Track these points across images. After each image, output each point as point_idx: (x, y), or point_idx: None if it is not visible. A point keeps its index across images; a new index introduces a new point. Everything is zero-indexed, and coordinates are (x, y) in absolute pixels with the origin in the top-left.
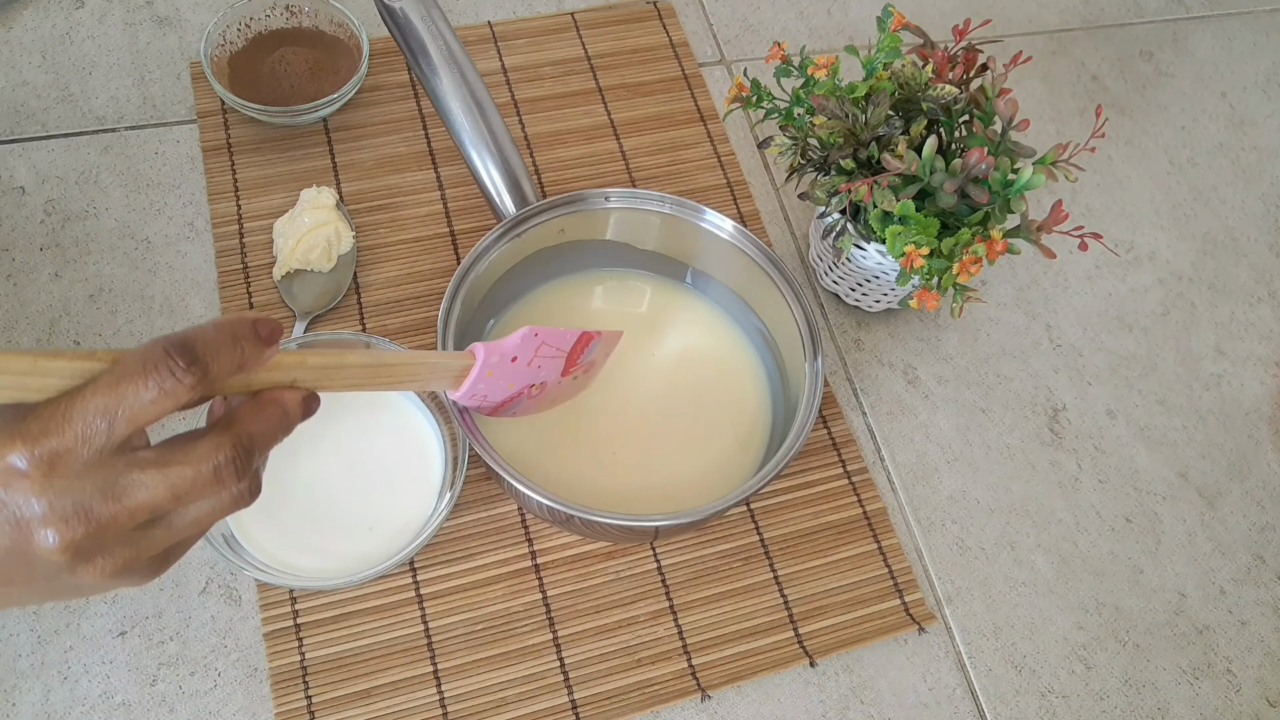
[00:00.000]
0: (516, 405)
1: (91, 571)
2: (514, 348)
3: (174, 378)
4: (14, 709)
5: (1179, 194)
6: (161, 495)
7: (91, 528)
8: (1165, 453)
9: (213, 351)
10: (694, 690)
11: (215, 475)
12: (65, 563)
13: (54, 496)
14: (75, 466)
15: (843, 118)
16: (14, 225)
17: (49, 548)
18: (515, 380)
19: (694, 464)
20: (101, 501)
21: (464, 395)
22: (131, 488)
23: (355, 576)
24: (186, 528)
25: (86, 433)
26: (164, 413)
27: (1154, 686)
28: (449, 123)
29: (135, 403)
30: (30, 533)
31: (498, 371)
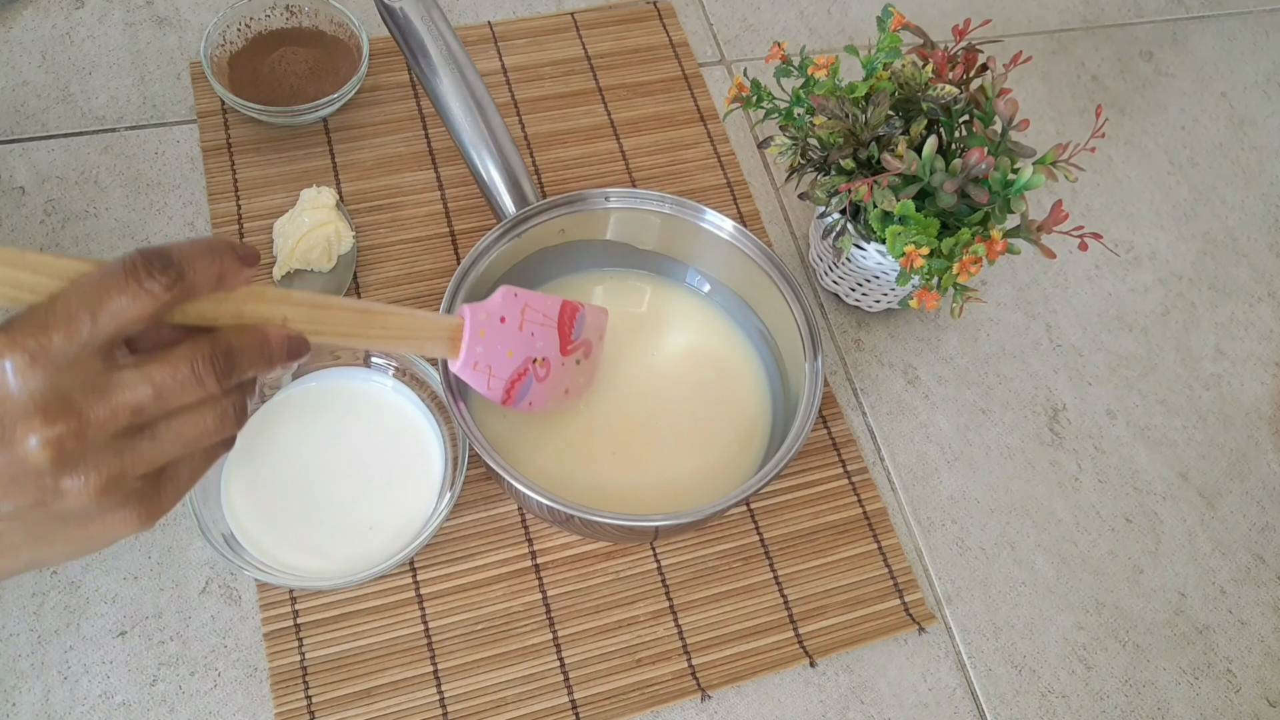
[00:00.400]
0: (527, 389)
1: (77, 485)
2: (498, 306)
3: (151, 278)
4: (14, 709)
5: (1179, 194)
6: (142, 392)
7: (73, 423)
8: (1165, 453)
9: (189, 259)
10: (694, 690)
11: (194, 374)
12: (49, 468)
13: (36, 387)
14: (58, 360)
15: (843, 118)
16: (14, 225)
17: (33, 446)
18: (514, 348)
19: (694, 464)
20: (83, 395)
21: (465, 360)
22: (112, 385)
23: (355, 576)
24: (173, 442)
25: (70, 327)
26: (144, 313)
27: (1154, 686)
28: (449, 123)
29: (116, 301)
30: (14, 432)
31: (490, 333)
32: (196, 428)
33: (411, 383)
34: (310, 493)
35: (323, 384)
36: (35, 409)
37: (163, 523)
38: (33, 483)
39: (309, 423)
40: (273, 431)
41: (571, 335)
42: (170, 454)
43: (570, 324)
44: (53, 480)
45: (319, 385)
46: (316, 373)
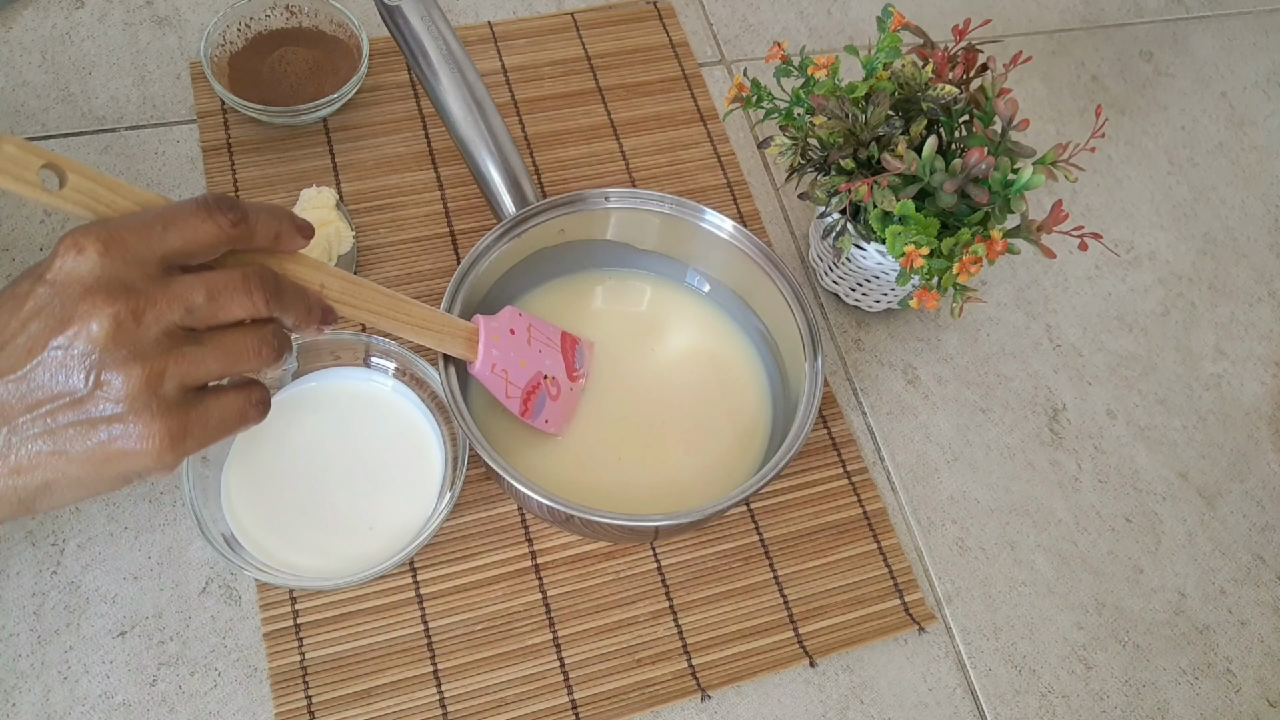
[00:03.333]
0: (542, 403)
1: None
2: (507, 319)
3: (221, 213)
4: (14, 709)
5: (1179, 194)
6: (197, 291)
7: (132, 304)
8: (1165, 453)
9: (254, 211)
10: (694, 690)
11: (244, 286)
12: (104, 341)
13: (103, 271)
14: (126, 255)
15: (843, 118)
16: (14, 225)
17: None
18: (526, 359)
19: (694, 464)
20: (145, 282)
21: (484, 361)
22: (171, 282)
23: (355, 576)
24: (216, 354)
25: (144, 232)
26: (209, 241)
27: (1154, 686)
28: (449, 123)
29: (187, 223)
30: (75, 307)
31: (503, 341)
32: (239, 344)
33: (411, 383)
34: (310, 493)
35: (323, 384)
36: (99, 288)
37: (163, 523)
38: (79, 371)
39: (309, 423)
40: (273, 431)
41: (574, 364)
42: (211, 368)
43: (572, 352)
44: (99, 365)
45: (319, 385)
46: (316, 373)
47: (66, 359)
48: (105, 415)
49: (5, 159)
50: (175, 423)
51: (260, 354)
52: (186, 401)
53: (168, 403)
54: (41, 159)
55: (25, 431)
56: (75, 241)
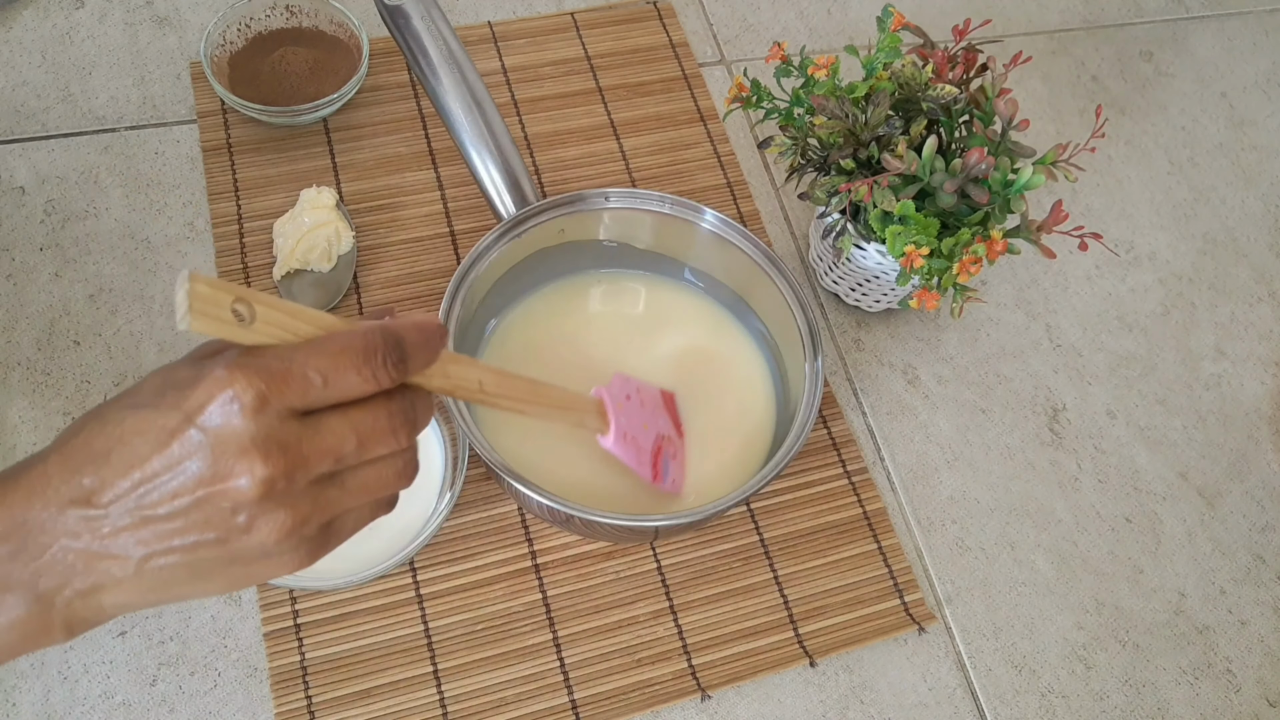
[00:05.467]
0: (667, 464)
1: (269, 527)
2: (620, 387)
3: (385, 369)
4: (14, 709)
5: (1179, 194)
6: (348, 441)
7: (289, 462)
8: (1165, 453)
9: (415, 352)
10: (694, 690)
11: (390, 425)
12: (254, 503)
13: (260, 428)
14: (282, 411)
15: (843, 118)
16: (14, 225)
17: (248, 482)
18: (646, 422)
19: (694, 464)
20: (299, 440)
21: (615, 431)
22: (322, 432)
23: (355, 576)
24: (357, 492)
25: (302, 386)
26: (366, 393)
27: (1154, 686)
28: (449, 123)
29: (349, 377)
30: (231, 466)
31: (625, 408)
32: (379, 479)
33: None
34: None
35: None
36: (254, 448)
37: None
38: (226, 519)
39: None
40: None
41: (679, 419)
42: (352, 504)
43: (674, 408)
44: (248, 518)
45: None
46: None
47: (214, 512)
48: (247, 552)
49: (199, 300)
50: (315, 548)
51: (400, 483)
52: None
53: (309, 537)
54: (231, 295)
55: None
56: (230, 385)
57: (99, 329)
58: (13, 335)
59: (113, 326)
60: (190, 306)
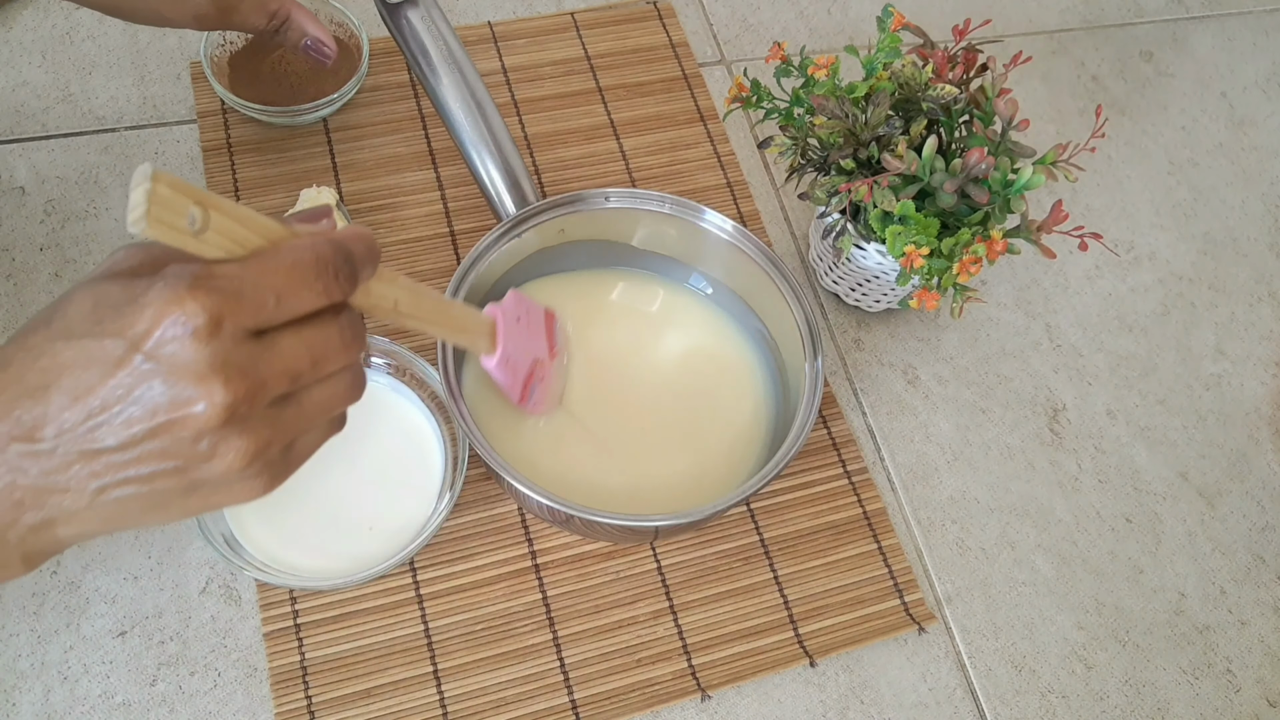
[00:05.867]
0: (534, 390)
1: (231, 451)
2: (513, 307)
3: (337, 283)
4: (14, 709)
5: (1179, 194)
6: (303, 359)
7: (250, 385)
8: (1165, 453)
9: (363, 264)
10: (694, 690)
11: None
12: (216, 429)
13: (218, 353)
14: (238, 333)
15: (843, 118)
16: (14, 225)
17: (207, 407)
18: (527, 347)
19: (694, 464)
20: (256, 362)
21: (500, 356)
22: (277, 352)
23: (355, 576)
24: (313, 410)
25: (256, 306)
26: (314, 308)
27: (1154, 686)
28: (449, 123)
29: (300, 294)
30: (188, 390)
31: (512, 332)
32: (333, 396)
33: (411, 382)
34: (310, 493)
35: None
36: (212, 373)
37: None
38: (186, 447)
39: None
40: None
41: (555, 339)
42: (310, 423)
43: (552, 330)
44: (209, 446)
45: None
46: None
47: (172, 441)
48: (208, 479)
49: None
50: (275, 472)
51: (350, 397)
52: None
53: (270, 461)
54: (191, 198)
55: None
56: (180, 307)
57: None
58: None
59: None
60: (148, 211)
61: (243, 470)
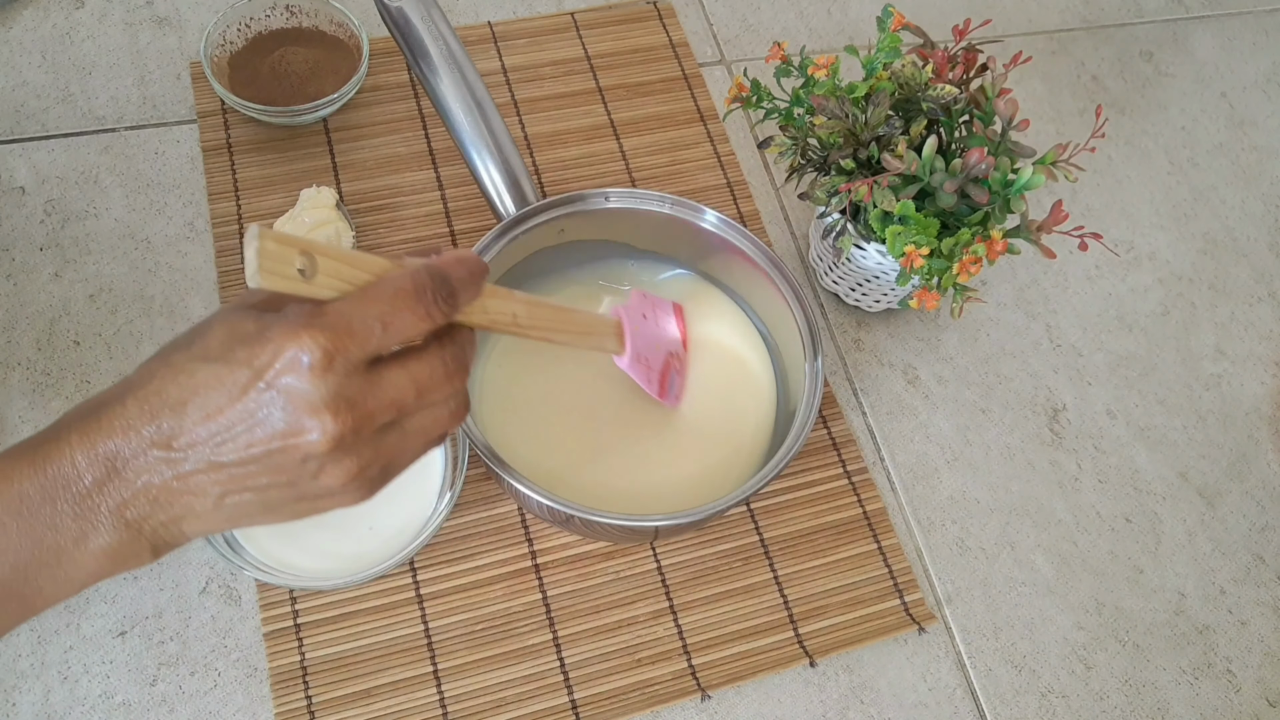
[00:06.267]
0: (672, 383)
1: (336, 471)
2: (638, 305)
3: (437, 306)
4: (14, 709)
5: (1179, 194)
6: (408, 391)
7: (357, 417)
8: (1165, 453)
9: (462, 286)
10: (694, 690)
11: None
12: (324, 455)
13: (330, 387)
14: (348, 365)
15: (843, 118)
16: (14, 225)
17: (319, 437)
18: (657, 342)
19: (694, 464)
20: (364, 395)
21: (631, 354)
22: (384, 383)
23: (355, 576)
24: (416, 436)
25: (364, 337)
26: (422, 333)
27: (1154, 686)
28: (449, 123)
29: (404, 319)
30: (301, 421)
31: (642, 328)
32: (435, 421)
33: None
34: None
35: None
36: (324, 404)
37: None
38: (297, 466)
39: None
40: None
41: (686, 330)
42: (411, 446)
43: (683, 321)
44: (317, 467)
45: None
46: None
47: (286, 461)
48: (313, 493)
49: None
50: (374, 487)
51: (454, 422)
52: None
53: (371, 480)
54: (296, 249)
55: (235, 499)
56: (297, 344)
57: (99, 329)
58: (13, 335)
59: (113, 326)
60: (260, 265)
61: (344, 486)
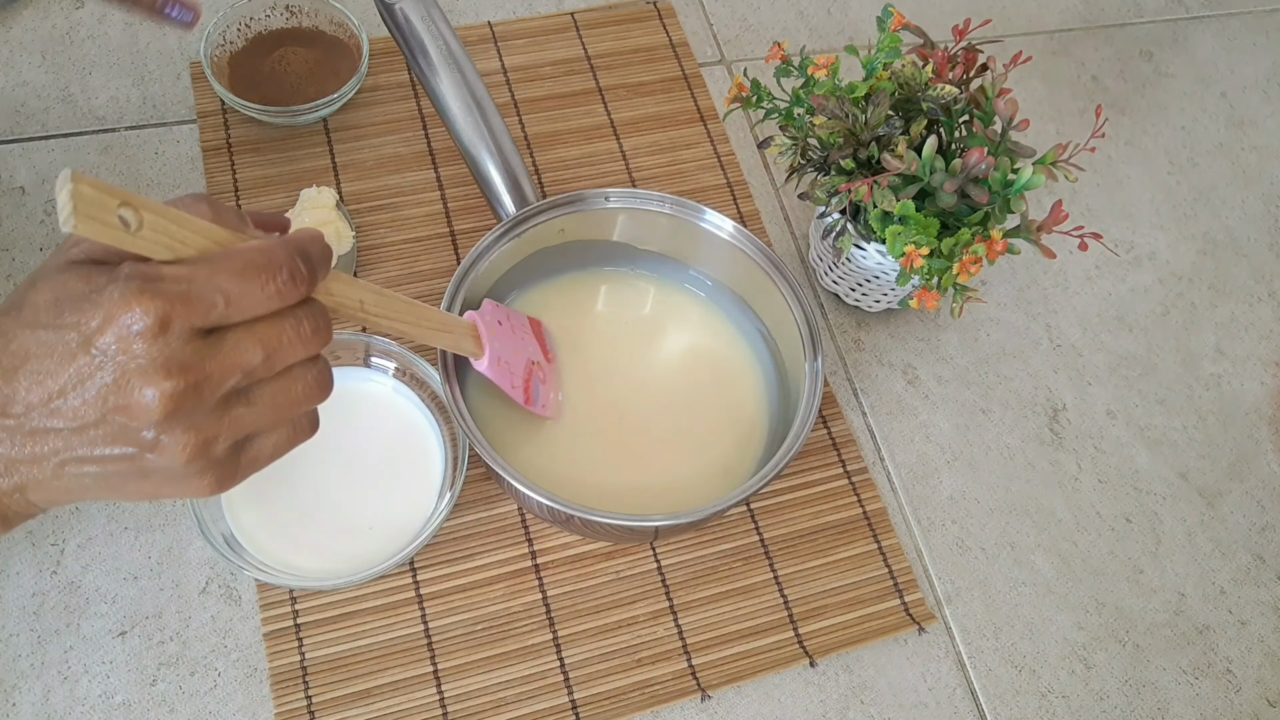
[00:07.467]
0: (538, 389)
1: (175, 443)
2: (491, 312)
3: (292, 284)
4: (14, 709)
5: (1179, 194)
6: (253, 353)
7: (191, 380)
8: (1165, 453)
9: (320, 264)
10: (694, 690)
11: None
12: (159, 422)
13: (162, 350)
14: (184, 332)
15: (843, 118)
16: (14, 225)
17: (152, 399)
18: (517, 348)
19: (694, 464)
20: (200, 359)
21: (489, 356)
22: (226, 345)
23: (355, 576)
24: (267, 409)
25: (205, 307)
26: (267, 310)
27: (1154, 686)
28: (449, 123)
29: (251, 296)
30: (133, 382)
31: (497, 334)
32: (289, 394)
33: (411, 383)
34: (310, 493)
35: None
36: (158, 365)
37: (163, 523)
38: (133, 434)
39: None
40: None
41: (547, 345)
42: (263, 421)
43: (541, 334)
44: (154, 434)
45: None
46: None
47: (121, 428)
48: (157, 469)
49: (84, 201)
50: (225, 470)
51: (311, 398)
52: (237, 446)
53: (218, 458)
54: (117, 199)
55: (75, 470)
56: (129, 308)
57: None
58: None
59: None
60: (74, 208)
61: (187, 464)
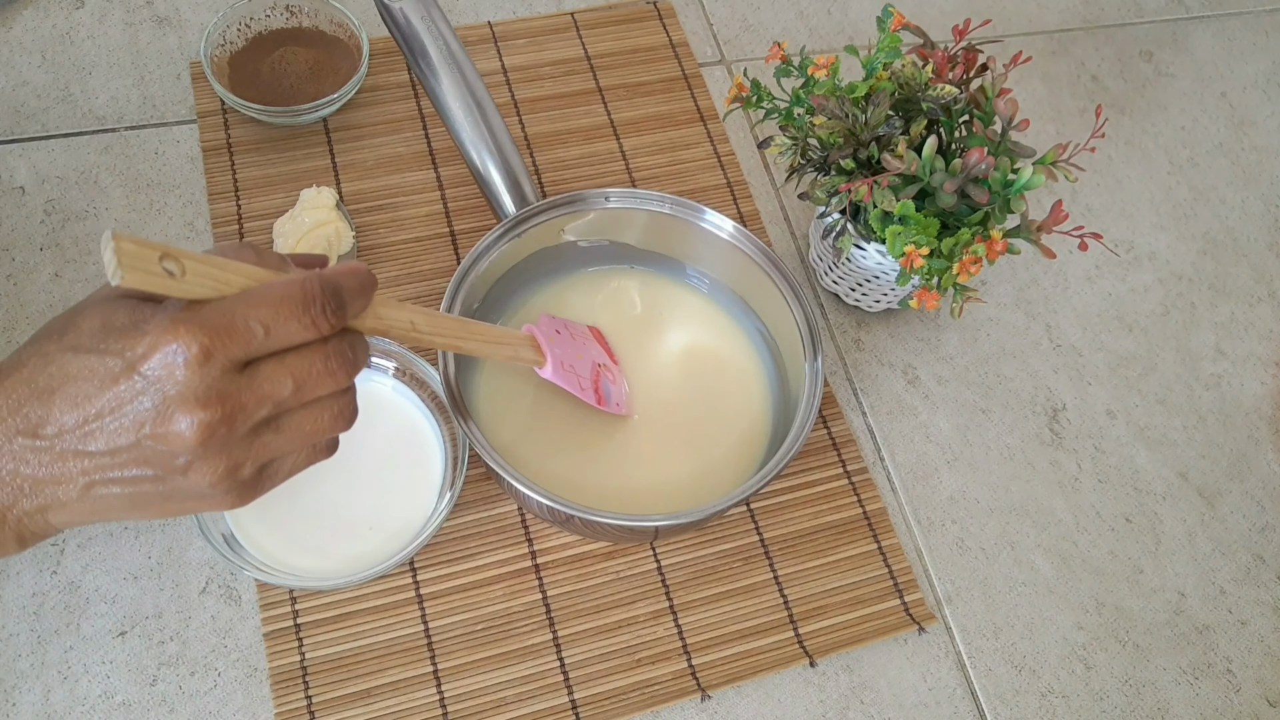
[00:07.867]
0: (609, 389)
1: (205, 469)
2: (548, 324)
3: (324, 317)
4: (14, 709)
5: (1179, 194)
6: (284, 386)
7: (227, 410)
8: (1165, 453)
9: (351, 298)
10: (694, 690)
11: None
12: (193, 449)
13: (202, 379)
14: (226, 361)
15: (843, 118)
16: (14, 225)
17: (188, 429)
18: (580, 352)
19: (694, 464)
20: (237, 390)
21: (552, 362)
22: (259, 378)
23: (355, 576)
24: (293, 437)
25: (244, 338)
26: (302, 340)
27: (1154, 686)
28: (449, 123)
29: (289, 326)
30: (171, 411)
31: (556, 341)
32: (316, 423)
33: (411, 383)
34: (310, 493)
35: None
36: (198, 394)
37: (163, 523)
38: (165, 459)
39: None
40: None
41: (611, 349)
42: (289, 448)
43: (604, 341)
44: (185, 463)
45: None
46: None
47: (154, 453)
48: (182, 490)
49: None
50: (248, 490)
51: (336, 428)
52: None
53: (243, 480)
54: (158, 251)
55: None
56: (175, 338)
57: None
58: (13, 335)
59: None
60: (120, 263)
61: (214, 486)
